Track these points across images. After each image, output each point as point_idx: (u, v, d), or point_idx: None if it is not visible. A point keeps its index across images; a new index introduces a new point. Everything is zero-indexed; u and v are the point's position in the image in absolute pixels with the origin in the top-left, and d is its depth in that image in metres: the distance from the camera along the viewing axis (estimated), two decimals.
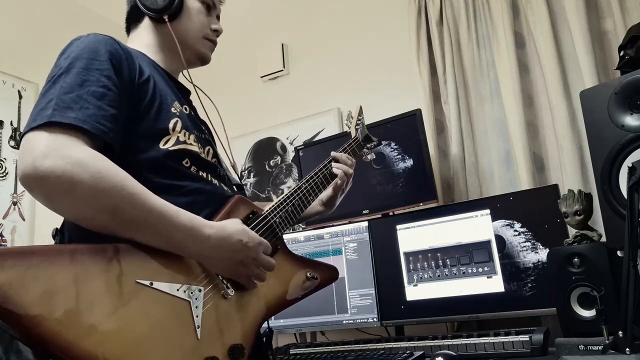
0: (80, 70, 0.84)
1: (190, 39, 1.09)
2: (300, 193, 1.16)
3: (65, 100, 0.80)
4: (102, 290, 0.73)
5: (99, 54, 0.87)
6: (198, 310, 0.84)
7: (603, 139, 1.10)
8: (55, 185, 0.74)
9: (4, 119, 2.16)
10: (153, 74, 0.97)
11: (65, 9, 2.48)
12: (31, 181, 0.75)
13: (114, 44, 0.91)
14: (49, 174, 0.74)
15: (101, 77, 0.85)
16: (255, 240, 0.93)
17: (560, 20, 1.88)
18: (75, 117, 0.78)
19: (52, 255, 0.71)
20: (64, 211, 0.80)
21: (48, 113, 0.77)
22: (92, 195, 0.76)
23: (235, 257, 0.90)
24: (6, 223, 2.08)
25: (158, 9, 1.05)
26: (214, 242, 0.87)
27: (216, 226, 0.89)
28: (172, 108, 0.97)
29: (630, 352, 0.95)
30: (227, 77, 2.69)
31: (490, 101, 1.98)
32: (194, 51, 1.11)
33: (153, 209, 0.81)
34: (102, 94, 0.83)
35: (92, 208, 0.77)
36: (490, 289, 1.53)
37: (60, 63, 0.86)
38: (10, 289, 0.65)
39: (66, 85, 0.82)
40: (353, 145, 1.36)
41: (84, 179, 0.75)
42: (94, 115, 0.81)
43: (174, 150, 0.93)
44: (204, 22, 1.11)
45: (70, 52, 0.87)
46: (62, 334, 0.67)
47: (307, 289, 1.11)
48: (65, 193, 0.75)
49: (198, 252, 0.86)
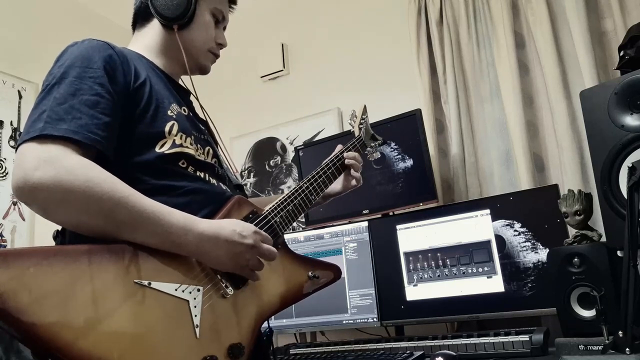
0: (73, 79, 0.84)
1: (195, 50, 1.10)
2: (302, 193, 1.16)
3: (58, 111, 0.81)
4: (101, 290, 0.73)
5: (93, 61, 0.88)
6: (197, 310, 0.84)
7: (603, 139, 1.10)
8: (47, 195, 0.76)
9: (4, 119, 2.16)
10: (150, 77, 0.97)
11: (65, 9, 2.48)
12: (24, 193, 0.77)
13: (108, 49, 0.92)
14: (40, 185, 0.75)
15: (94, 85, 0.85)
16: (250, 229, 0.92)
17: (560, 20, 1.88)
18: (66, 129, 0.79)
19: (51, 257, 0.72)
20: (60, 220, 0.82)
21: (40, 126, 0.79)
22: (85, 203, 0.77)
23: (232, 250, 0.89)
24: (6, 223, 2.08)
25: (170, 18, 1.05)
26: (210, 236, 0.87)
27: (210, 222, 0.89)
28: (168, 111, 0.97)
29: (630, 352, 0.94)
30: (227, 77, 2.69)
31: (490, 101, 1.98)
32: (195, 62, 1.11)
33: (145, 210, 0.81)
34: (95, 102, 0.84)
35: (86, 215, 0.79)
36: (490, 289, 1.53)
37: (54, 71, 0.87)
38: (8, 291, 0.65)
39: (59, 95, 0.83)
40: (357, 144, 1.36)
41: (75, 188, 0.76)
42: (86, 125, 0.81)
43: (170, 154, 0.93)
44: (211, 35, 1.12)
45: (64, 60, 0.88)
46: (61, 334, 0.67)
47: (308, 289, 1.11)
48: (58, 202, 0.77)
49: (195, 249, 0.86)
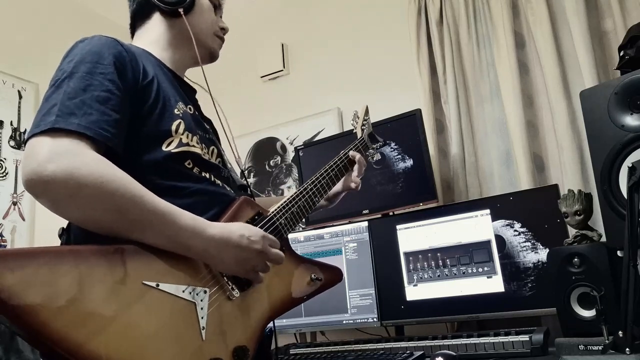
0: (83, 74, 0.84)
1: (202, 34, 1.10)
2: (306, 194, 1.16)
3: (69, 105, 0.80)
4: (109, 291, 0.73)
5: (103, 57, 0.87)
6: (203, 312, 0.84)
7: (603, 139, 1.10)
8: (59, 189, 0.75)
9: (4, 119, 2.16)
10: (157, 74, 0.97)
11: (65, 9, 2.48)
12: (36, 186, 0.75)
13: (117, 45, 0.91)
14: (53, 178, 0.74)
15: (105, 81, 0.85)
16: (258, 234, 0.92)
17: (560, 20, 1.88)
18: (78, 124, 0.79)
19: (59, 257, 0.71)
20: (70, 215, 0.81)
21: (52, 119, 0.78)
22: (97, 198, 0.77)
23: (241, 255, 0.89)
24: (6, 223, 2.08)
25: (173, 2, 1.05)
26: (219, 240, 0.86)
27: (219, 226, 0.89)
28: (175, 109, 0.96)
29: (630, 352, 0.94)
30: (227, 77, 2.69)
31: (490, 101, 1.98)
32: (206, 47, 1.11)
33: (156, 210, 0.81)
34: (105, 99, 0.84)
35: (97, 211, 0.78)
36: (490, 289, 1.53)
37: (64, 67, 0.86)
38: (19, 290, 0.65)
39: (70, 90, 0.82)
40: (359, 146, 1.37)
41: (87, 182, 0.75)
42: (97, 121, 0.81)
43: (176, 153, 0.93)
44: (214, 19, 1.13)
45: (74, 55, 0.87)
46: (70, 335, 0.67)
47: (311, 291, 1.11)
48: (69, 197, 0.76)
49: (203, 252, 0.86)
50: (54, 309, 0.67)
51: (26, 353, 0.82)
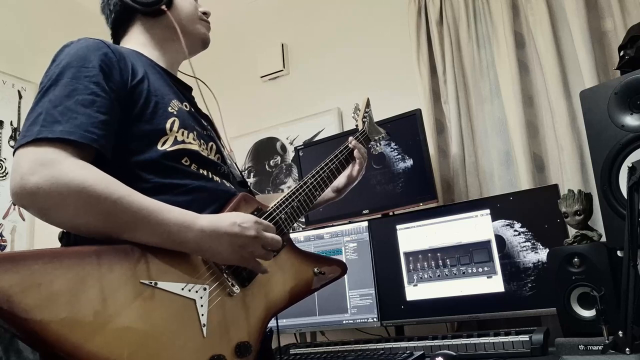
0: (68, 80, 0.84)
1: (188, 24, 1.10)
2: (306, 188, 1.15)
3: (53, 114, 0.80)
4: (107, 291, 0.73)
5: (89, 60, 0.87)
6: (203, 309, 0.84)
7: (603, 139, 1.10)
8: (44, 199, 0.76)
9: (4, 119, 2.16)
10: (148, 74, 0.97)
11: (65, 9, 2.48)
12: (22, 198, 0.77)
13: (104, 47, 0.91)
14: (37, 190, 0.75)
15: (90, 84, 0.85)
16: (250, 220, 0.91)
17: (560, 20, 1.88)
18: (62, 130, 0.79)
19: (56, 258, 0.71)
20: (60, 222, 0.81)
21: (36, 129, 0.79)
22: (82, 205, 0.77)
23: (235, 242, 0.88)
24: (6, 223, 2.08)
25: (154, 1, 1.05)
26: (210, 231, 0.86)
27: (209, 217, 0.88)
28: (169, 107, 0.96)
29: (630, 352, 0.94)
30: (227, 77, 2.69)
31: (490, 101, 1.98)
32: (194, 34, 1.11)
33: (143, 208, 0.81)
34: (90, 101, 0.84)
35: (84, 216, 0.78)
36: (490, 289, 1.53)
37: (50, 72, 0.86)
38: (14, 293, 0.65)
39: (54, 97, 0.82)
40: (360, 138, 1.36)
41: (70, 190, 0.76)
42: (82, 125, 0.81)
43: (173, 151, 0.93)
44: (194, 4, 1.13)
45: (60, 60, 0.87)
46: (68, 336, 0.68)
47: (315, 285, 1.11)
48: (56, 206, 0.77)
49: (197, 245, 0.85)
50: (50, 311, 0.67)
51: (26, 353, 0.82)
